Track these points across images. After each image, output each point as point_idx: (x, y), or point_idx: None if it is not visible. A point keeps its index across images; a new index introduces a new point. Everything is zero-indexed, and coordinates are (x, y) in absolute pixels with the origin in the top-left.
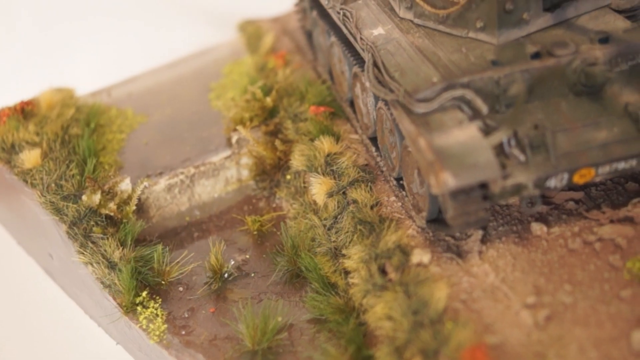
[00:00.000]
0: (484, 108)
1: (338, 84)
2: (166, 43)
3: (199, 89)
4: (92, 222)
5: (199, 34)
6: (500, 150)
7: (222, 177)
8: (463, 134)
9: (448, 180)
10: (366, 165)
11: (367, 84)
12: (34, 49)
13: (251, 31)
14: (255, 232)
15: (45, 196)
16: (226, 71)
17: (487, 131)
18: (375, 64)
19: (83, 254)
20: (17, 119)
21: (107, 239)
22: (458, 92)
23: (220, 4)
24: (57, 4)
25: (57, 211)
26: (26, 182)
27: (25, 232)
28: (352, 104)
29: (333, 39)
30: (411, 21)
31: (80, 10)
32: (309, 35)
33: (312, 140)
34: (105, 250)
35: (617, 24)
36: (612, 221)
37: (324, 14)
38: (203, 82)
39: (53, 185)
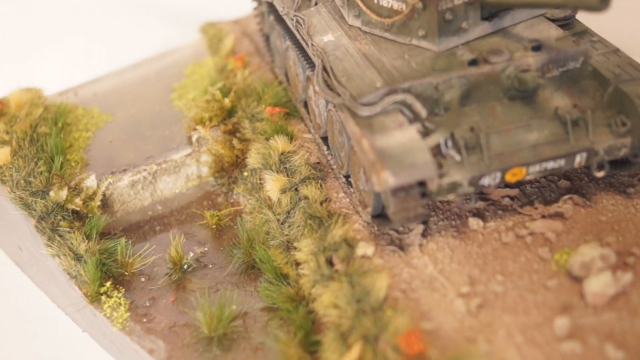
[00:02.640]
0: (423, 112)
1: (293, 85)
2: (130, 44)
3: (162, 89)
4: (59, 217)
5: (162, 35)
6: (437, 151)
7: (183, 173)
8: (403, 136)
9: (388, 179)
10: (318, 163)
11: (317, 88)
12: (1, 50)
13: (212, 33)
14: (213, 226)
15: (14, 192)
16: (188, 72)
17: (425, 133)
18: (324, 69)
19: (51, 246)
20: None
21: (74, 232)
22: (399, 97)
23: (183, 6)
24: (23, 7)
25: (26, 206)
26: None
27: None
28: (306, 104)
29: (288, 43)
30: (359, 28)
31: (47, 12)
32: (266, 39)
33: (267, 139)
34: (71, 243)
35: (550, 32)
36: (543, 216)
37: (280, 19)
38: (166, 82)
39: (22, 181)
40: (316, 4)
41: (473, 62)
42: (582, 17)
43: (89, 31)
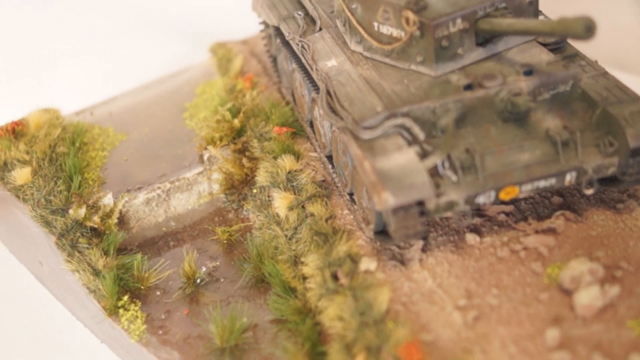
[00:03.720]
0: (421, 135)
1: (299, 105)
2: (143, 64)
3: (174, 108)
4: (78, 234)
5: (174, 55)
6: (435, 172)
7: (195, 191)
8: (402, 158)
9: (388, 199)
10: (323, 181)
11: (321, 112)
12: (19, 72)
13: (222, 54)
14: (224, 241)
15: (36, 210)
16: (199, 91)
17: (423, 155)
18: (328, 93)
19: (70, 262)
20: (9, 138)
21: (92, 248)
22: (398, 121)
23: (193, 27)
24: (39, 29)
25: (47, 224)
26: (18, 197)
27: (17, 241)
28: (311, 124)
29: (294, 65)
30: (361, 54)
31: (63, 35)
32: (274, 60)
33: (275, 158)
34: (90, 259)
35: (542, 56)
36: (536, 232)
37: (286, 42)
38: (178, 101)
39: (43, 200)
40: (320, 29)
41: (468, 87)
42: None
43: (103, 52)
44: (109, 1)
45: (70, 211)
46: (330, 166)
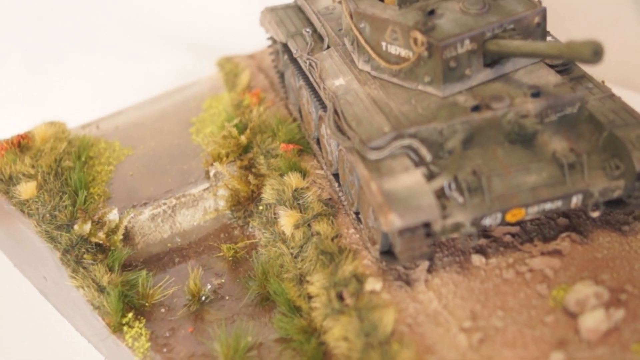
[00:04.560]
0: (428, 156)
1: (307, 122)
2: (150, 78)
3: (181, 123)
4: (83, 250)
5: (180, 69)
6: (441, 193)
7: (201, 207)
8: (409, 179)
9: (395, 221)
10: (329, 199)
11: (328, 131)
12: (25, 84)
13: (229, 68)
14: (230, 258)
15: (40, 225)
16: (206, 106)
17: (430, 176)
18: (335, 113)
19: (75, 278)
20: (14, 152)
21: (97, 264)
22: (406, 142)
23: (200, 40)
24: (46, 42)
25: (52, 239)
26: (23, 212)
27: (22, 256)
28: (318, 141)
29: (301, 82)
30: (369, 73)
31: (69, 47)
32: (281, 75)
33: (281, 175)
34: (95, 275)
35: (549, 78)
36: (542, 253)
37: (294, 59)
38: (184, 116)
39: (48, 215)
40: (328, 47)
41: (476, 108)
42: None
43: (109, 65)
44: (116, 15)
45: (76, 227)
46: (336, 184)
